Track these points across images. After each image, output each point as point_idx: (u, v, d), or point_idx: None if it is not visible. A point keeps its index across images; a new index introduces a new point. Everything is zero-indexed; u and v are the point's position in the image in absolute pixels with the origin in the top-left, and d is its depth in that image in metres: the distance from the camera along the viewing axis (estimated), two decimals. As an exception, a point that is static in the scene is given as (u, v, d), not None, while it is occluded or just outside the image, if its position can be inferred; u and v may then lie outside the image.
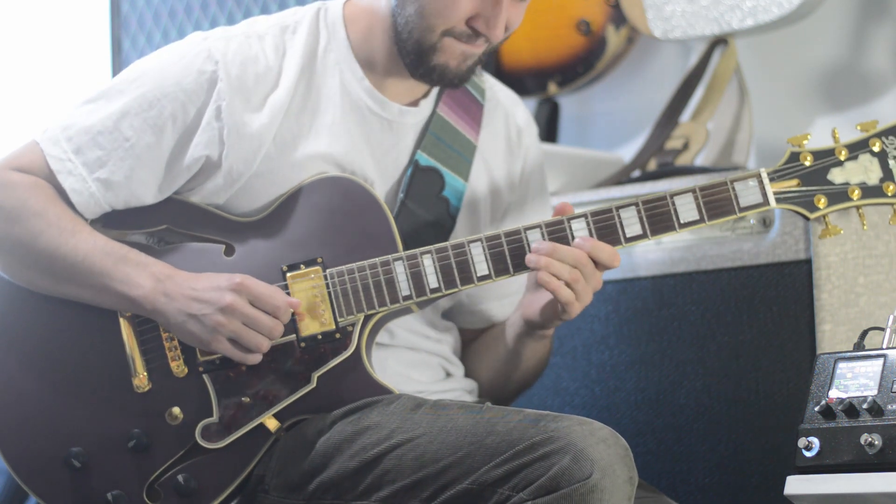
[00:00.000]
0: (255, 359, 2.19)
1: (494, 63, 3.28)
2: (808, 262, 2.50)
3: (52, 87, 3.97)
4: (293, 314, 2.21)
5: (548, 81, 3.27)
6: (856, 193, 2.16)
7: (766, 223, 2.56)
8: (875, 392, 2.00)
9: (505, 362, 2.41)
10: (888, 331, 2.10)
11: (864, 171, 2.17)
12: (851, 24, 3.05)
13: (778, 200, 2.17)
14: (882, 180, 2.16)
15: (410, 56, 2.25)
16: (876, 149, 2.17)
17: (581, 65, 3.23)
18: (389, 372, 2.30)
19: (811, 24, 2.96)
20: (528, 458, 1.99)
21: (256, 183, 2.26)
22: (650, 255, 2.68)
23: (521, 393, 2.46)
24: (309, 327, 2.21)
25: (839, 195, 2.17)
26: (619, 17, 3.16)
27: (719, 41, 3.02)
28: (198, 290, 2.18)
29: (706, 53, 3.03)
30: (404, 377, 2.32)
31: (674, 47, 3.28)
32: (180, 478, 2.21)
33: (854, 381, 2.03)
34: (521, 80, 3.28)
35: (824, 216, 2.17)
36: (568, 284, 2.17)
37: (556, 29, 3.24)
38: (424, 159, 2.33)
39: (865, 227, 2.18)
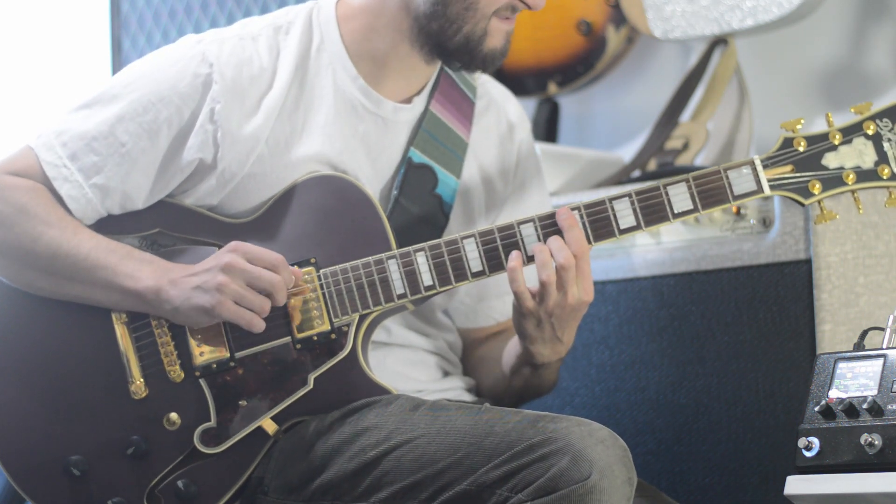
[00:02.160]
0: (260, 325, 2.18)
1: (494, 63, 3.28)
2: (808, 262, 2.49)
3: (52, 88, 3.97)
4: (288, 315, 2.21)
5: (548, 81, 3.27)
6: (850, 178, 2.15)
7: (766, 223, 2.56)
8: (875, 392, 2.00)
9: (502, 377, 2.40)
10: (888, 331, 2.09)
11: (859, 154, 2.16)
12: (851, 24, 3.04)
13: (772, 187, 2.16)
14: (877, 163, 2.15)
15: (458, 53, 2.25)
16: (870, 132, 2.16)
17: (581, 65, 3.23)
18: (387, 371, 2.30)
19: (811, 24, 2.96)
20: (526, 459, 1.99)
21: (249, 184, 2.25)
22: (650, 255, 2.68)
23: (523, 404, 2.45)
24: (304, 328, 2.21)
25: (834, 180, 2.16)
26: (619, 17, 3.16)
27: (719, 41, 3.02)
28: (196, 266, 2.18)
29: (706, 53, 3.03)
30: (402, 376, 2.32)
31: (674, 47, 3.28)
32: (180, 483, 2.21)
33: (854, 381, 2.03)
34: (521, 80, 3.28)
35: (819, 202, 2.17)
36: (541, 283, 2.18)
37: (557, 29, 3.24)
38: (418, 156, 2.33)
39: (861, 211, 2.18)
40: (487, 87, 2.47)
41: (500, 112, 2.47)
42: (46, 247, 2.21)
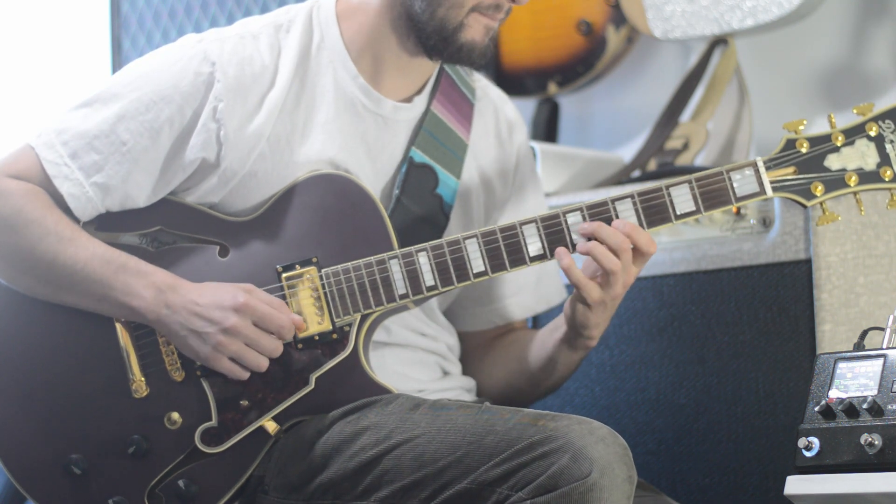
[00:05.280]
0: (245, 376, 2.19)
1: (494, 63, 3.28)
2: (808, 262, 2.49)
3: (52, 87, 3.97)
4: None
5: (548, 81, 3.27)
6: (853, 179, 2.15)
7: (766, 223, 2.56)
8: (875, 392, 2.00)
9: (537, 369, 2.39)
10: (888, 331, 2.10)
11: (861, 156, 2.16)
12: (851, 24, 3.05)
13: (774, 189, 2.16)
14: (879, 165, 2.15)
15: (433, 38, 2.24)
16: (873, 133, 2.16)
17: (581, 65, 3.23)
18: (388, 371, 2.31)
19: (811, 24, 2.96)
20: (526, 458, 1.99)
21: (250, 182, 2.25)
22: (650, 254, 2.68)
23: (543, 398, 2.46)
24: (306, 328, 2.21)
25: (836, 182, 2.16)
26: (619, 17, 3.16)
27: (719, 41, 3.02)
28: (201, 305, 2.18)
29: (706, 53, 3.03)
30: (403, 376, 2.32)
31: (674, 47, 3.28)
32: (181, 482, 2.21)
33: (854, 381, 2.03)
34: (521, 80, 3.28)
35: (821, 203, 2.16)
36: (607, 272, 2.17)
37: (557, 29, 3.24)
38: (419, 156, 2.33)
39: (863, 213, 2.18)
40: (486, 90, 2.48)
41: (498, 113, 2.47)
42: (44, 254, 2.21)
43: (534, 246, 2.20)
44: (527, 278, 2.45)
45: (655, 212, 2.17)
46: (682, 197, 2.17)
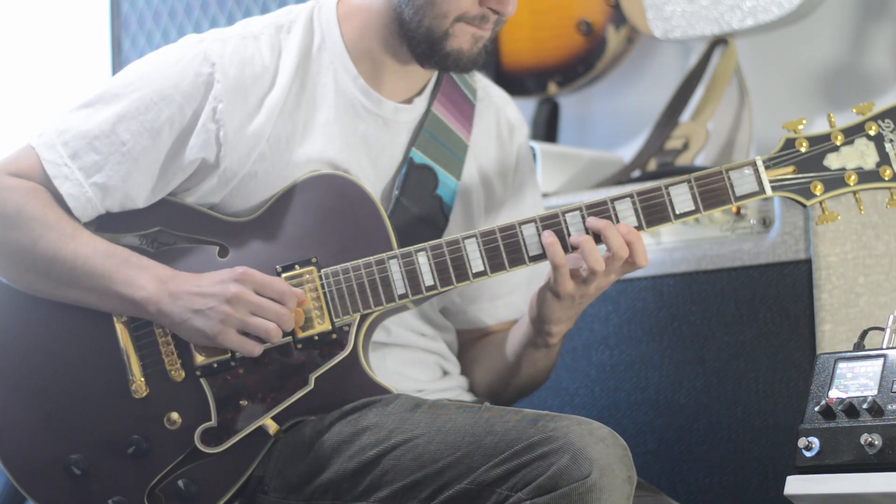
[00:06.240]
0: (259, 351, 2.18)
1: (494, 63, 3.28)
2: (808, 262, 2.49)
3: (52, 87, 3.97)
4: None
5: (548, 81, 3.27)
6: (852, 179, 2.15)
7: (765, 223, 2.56)
8: (875, 392, 2.00)
9: (506, 368, 2.40)
10: (888, 331, 2.10)
11: (861, 155, 2.16)
12: (851, 24, 3.05)
13: (774, 188, 2.16)
14: (878, 164, 2.15)
15: (421, 46, 2.25)
16: (872, 132, 2.16)
17: (581, 65, 3.23)
18: (387, 371, 2.31)
19: (811, 23, 2.96)
20: (526, 458, 1.99)
21: (250, 182, 2.26)
22: (650, 254, 2.65)
23: (518, 399, 2.45)
24: (305, 328, 2.21)
25: (836, 181, 2.16)
26: (619, 17, 3.16)
27: (719, 41, 3.02)
28: (202, 286, 2.18)
29: (706, 53, 3.03)
30: (402, 376, 2.32)
31: (674, 47, 3.28)
32: (180, 483, 2.21)
33: (854, 381, 2.03)
34: (521, 80, 3.28)
35: (821, 202, 2.17)
36: (589, 269, 2.17)
37: (557, 29, 3.24)
38: (419, 157, 2.33)
39: (863, 212, 2.18)
40: (488, 90, 2.48)
41: (499, 114, 2.47)
42: (45, 250, 2.21)
43: (533, 246, 2.20)
44: (519, 279, 2.45)
45: (655, 211, 2.18)
46: (681, 196, 2.17)
